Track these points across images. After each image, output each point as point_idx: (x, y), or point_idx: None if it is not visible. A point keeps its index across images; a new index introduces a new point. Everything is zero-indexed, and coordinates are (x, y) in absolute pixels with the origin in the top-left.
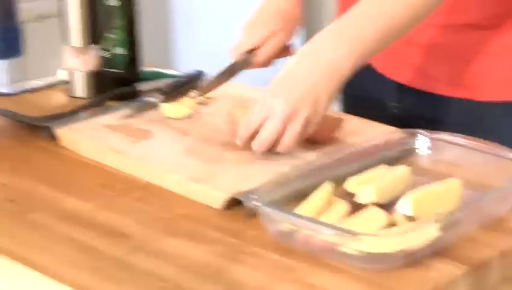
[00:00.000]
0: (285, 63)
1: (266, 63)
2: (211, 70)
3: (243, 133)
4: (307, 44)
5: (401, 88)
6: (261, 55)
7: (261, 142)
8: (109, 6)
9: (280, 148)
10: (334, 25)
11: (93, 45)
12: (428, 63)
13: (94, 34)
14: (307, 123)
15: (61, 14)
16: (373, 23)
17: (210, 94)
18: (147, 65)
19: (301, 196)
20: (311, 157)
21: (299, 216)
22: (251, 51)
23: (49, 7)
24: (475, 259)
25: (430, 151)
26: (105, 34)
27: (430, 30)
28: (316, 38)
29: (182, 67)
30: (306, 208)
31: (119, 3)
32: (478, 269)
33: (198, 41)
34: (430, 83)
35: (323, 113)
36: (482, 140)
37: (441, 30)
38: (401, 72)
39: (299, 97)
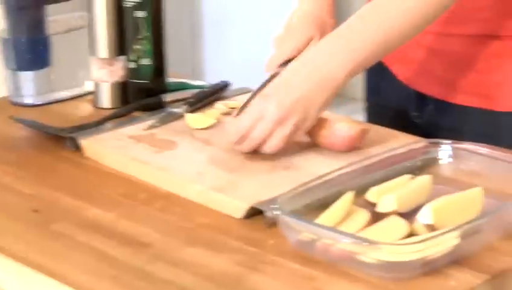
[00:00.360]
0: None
1: None
2: (239, 81)
3: (233, 134)
4: (305, 51)
5: (422, 97)
6: None
7: (249, 141)
8: (136, 17)
9: (266, 148)
10: (332, 34)
11: (120, 56)
12: (448, 72)
13: (121, 45)
14: (296, 128)
15: (89, 26)
16: (370, 34)
17: (234, 104)
18: (173, 75)
19: (322, 205)
20: (333, 167)
21: (319, 225)
22: (287, 63)
23: (77, 19)
24: (495, 268)
25: (452, 161)
26: (132, 45)
27: (450, 39)
28: (315, 47)
29: (210, 77)
30: (327, 217)
31: (147, 14)
32: (497, 278)
33: (227, 52)
34: (451, 93)
35: (314, 120)
36: (504, 149)
37: (461, 39)
38: (421, 82)
39: (290, 103)
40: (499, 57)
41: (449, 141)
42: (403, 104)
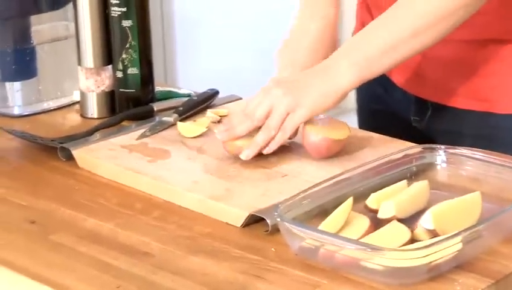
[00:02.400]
0: None
1: None
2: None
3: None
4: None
5: (420, 102)
6: None
7: (269, 127)
8: (123, 26)
9: (280, 136)
10: (344, 45)
11: (107, 66)
12: (446, 76)
13: (108, 54)
14: (291, 109)
15: (76, 36)
16: (376, 35)
17: (224, 112)
18: (158, 84)
19: (321, 212)
20: (328, 174)
21: (322, 232)
22: None
23: (63, 29)
24: (498, 272)
25: (449, 166)
26: (119, 55)
27: (448, 44)
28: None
29: (183, 85)
30: (329, 224)
31: (133, 23)
32: (501, 282)
33: (199, 60)
34: (450, 97)
35: (310, 108)
36: (500, 153)
37: (459, 44)
38: (420, 87)
39: (287, 81)
40: (496, 60)
41: (444, 146)
42: (402, 109)
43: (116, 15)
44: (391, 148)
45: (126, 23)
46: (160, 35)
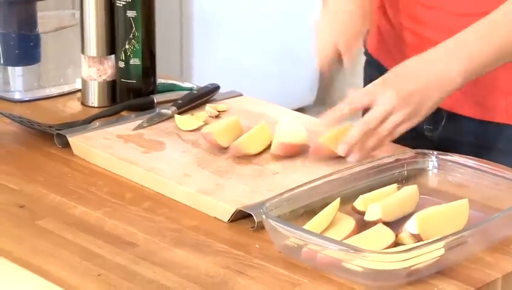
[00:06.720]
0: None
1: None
2: (227, 84)
3: (346, 106)
4: (420, 54)
5: (436, 110)
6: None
7: (381, 133)
8: (128, 17)
9: (378, 137)
10: (450, 40)
11: (109, 55)
12: (465, 84)
13: (112, 44)
14: (406, 119)
15: (80, 24)
16: (487, 43)
17: (223, 107)
18: (162, 77)
19: (308, 211)
20: (320, 174)
21: (306, 231)
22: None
23: (68, 17)
24: (479, 280)
25: (440, 172)
26: (123, 45)
27: None
28: (431, 50)
29: (198, 80)
30: (314, 223)
31: (138, 14)
32: None
33: (216, 54)
34: (465, 106)
35: (423, 117)
36: (492, 162)
37: None
38: None
39: (408, 93)
40: None
41: (436, 152)
42: None
43: (121, 5)
44: (384, 151)
45: (130, 13)
46: (178, 31)
